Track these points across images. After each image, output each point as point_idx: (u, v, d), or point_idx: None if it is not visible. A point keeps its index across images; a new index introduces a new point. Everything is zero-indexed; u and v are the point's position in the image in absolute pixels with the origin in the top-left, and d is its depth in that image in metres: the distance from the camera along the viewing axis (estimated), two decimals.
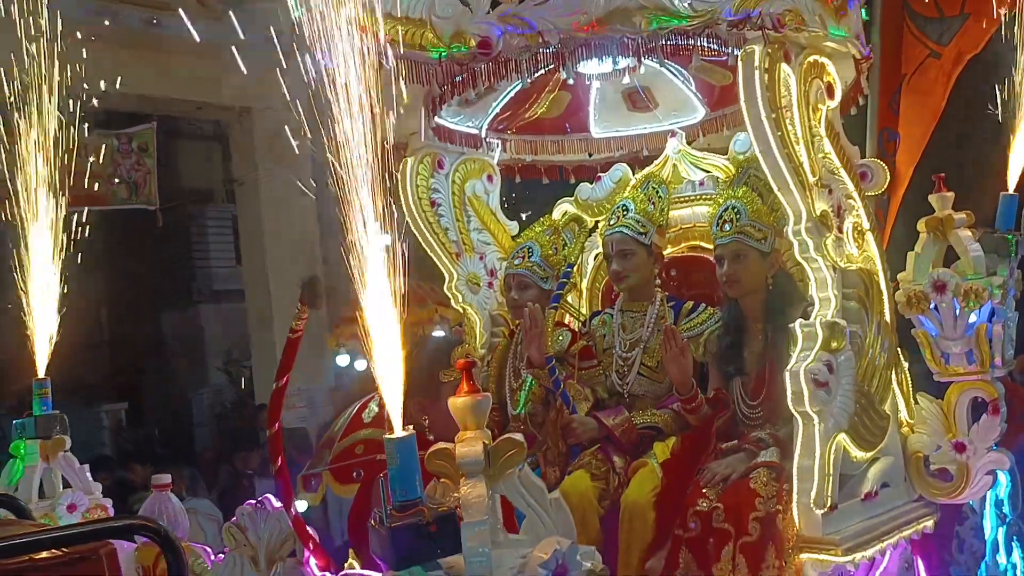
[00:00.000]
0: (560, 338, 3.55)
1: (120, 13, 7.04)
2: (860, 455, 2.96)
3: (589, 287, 4.04)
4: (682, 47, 2.83)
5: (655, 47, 2.81)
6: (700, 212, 3.74)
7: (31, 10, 3.33)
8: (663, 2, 2.73)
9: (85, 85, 3.73)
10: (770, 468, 2.91)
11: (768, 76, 2.82)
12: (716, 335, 3.34)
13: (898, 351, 3.21)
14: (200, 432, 10.57)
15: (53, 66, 3.38)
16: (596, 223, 3.90)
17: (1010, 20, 3.44)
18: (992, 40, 4.46)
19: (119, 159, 7.14)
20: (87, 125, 3.80)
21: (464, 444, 1.98)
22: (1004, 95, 3.41)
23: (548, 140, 4.13)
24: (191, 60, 7.32)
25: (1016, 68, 3.41)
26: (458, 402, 2.04)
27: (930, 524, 3.16)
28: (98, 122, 7.23)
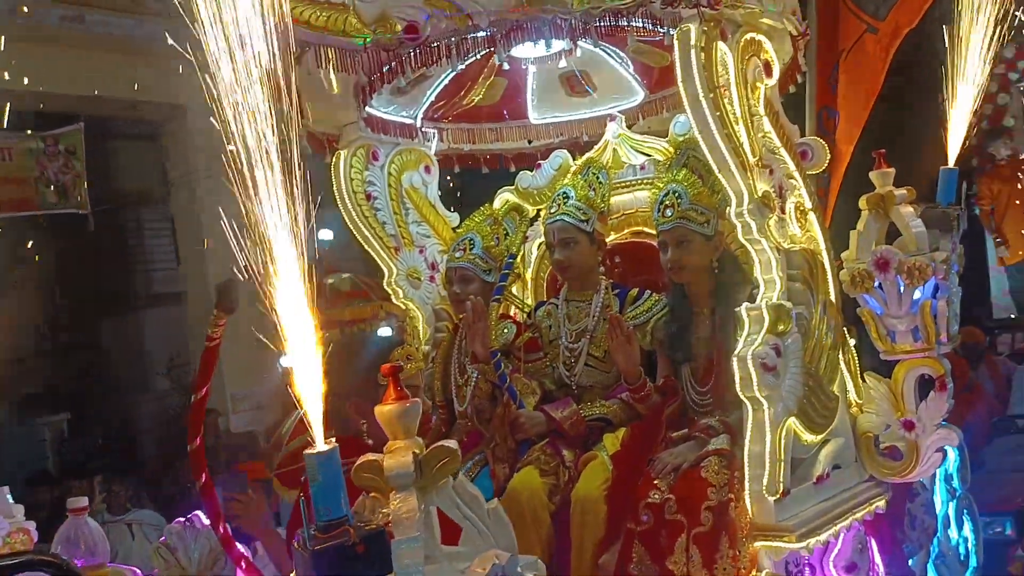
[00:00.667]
0: (505, 331, 3.47)
1: (37, 10, 6.76)
2: (811, 438, 2.93)
3: (534, 277, 3.95)
4: (616, 27, 2.77)
5: (589, 28, 2.74)
6: (642, 197, 3.67)
7: None
8: None
9: None
10: (721, 456, 2.86)
11: (705, 55, 2.76)
12: (663, 322, 3.28)
13: (844, 331, 3.18)
14: (146, 439, 10.30)
15: None
16: (538, 211, 3.82)
17: None
18: (928, 13, 4.45)
19: (45, 162, 6.84)
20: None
21: (393, 455, 1.85)
22: (941, 68, 3.39)
23: (486, 128, 4.04)
24: (119, 58, 7.08)
25: (950, 41, 3.39)
26: (384, 410, 1.90)
27: (882, 504, 3.14)
28: (24, 124, 6.96)
